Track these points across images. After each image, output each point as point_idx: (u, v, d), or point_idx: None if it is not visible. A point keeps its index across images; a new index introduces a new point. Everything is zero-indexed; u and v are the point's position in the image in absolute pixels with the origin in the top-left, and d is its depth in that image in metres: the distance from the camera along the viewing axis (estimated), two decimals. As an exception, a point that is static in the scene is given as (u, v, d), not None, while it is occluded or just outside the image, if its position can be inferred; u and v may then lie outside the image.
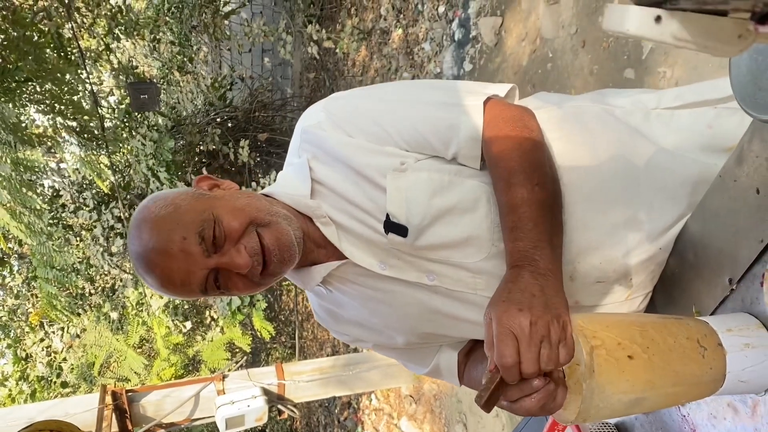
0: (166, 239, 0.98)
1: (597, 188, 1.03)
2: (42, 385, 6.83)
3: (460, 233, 1.02)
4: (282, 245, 1.02)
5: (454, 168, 1.05)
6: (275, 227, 1.02)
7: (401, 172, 1.02)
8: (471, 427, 4.82)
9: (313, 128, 1.10)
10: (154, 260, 0.98)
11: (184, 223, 0.99)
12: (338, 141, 1.06)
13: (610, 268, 1.03)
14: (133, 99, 4.93)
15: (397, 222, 1.02)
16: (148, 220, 1.00)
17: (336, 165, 1.07)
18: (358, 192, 1.05)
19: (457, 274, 1.05)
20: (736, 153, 0.90)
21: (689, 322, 0.85)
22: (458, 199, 1.02)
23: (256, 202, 1.06)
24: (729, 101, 1.11)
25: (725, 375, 0.82)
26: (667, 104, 1.12)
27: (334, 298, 1.16)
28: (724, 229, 0.93)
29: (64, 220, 5.82)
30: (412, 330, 1.15)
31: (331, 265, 1.09)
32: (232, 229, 1.00)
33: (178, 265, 0.98)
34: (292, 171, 1.14)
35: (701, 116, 1.10)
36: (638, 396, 0.78)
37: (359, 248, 1.07)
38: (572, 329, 0.80)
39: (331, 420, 8.02)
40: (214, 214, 1.00)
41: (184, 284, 1.00)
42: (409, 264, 1.06)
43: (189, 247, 0.97)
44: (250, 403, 4.81)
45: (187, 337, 6.37)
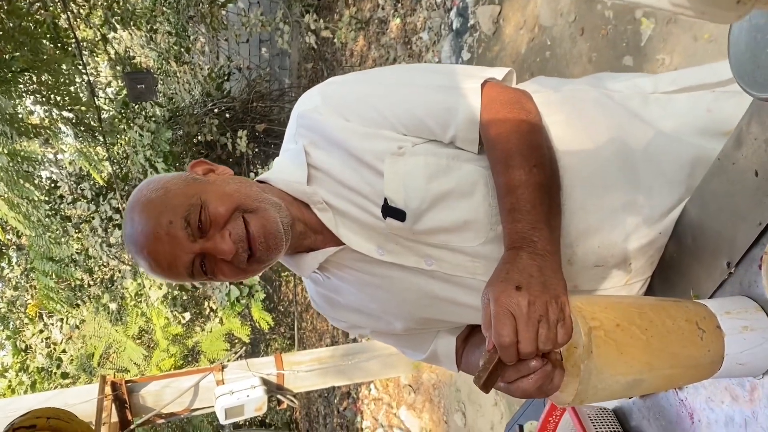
0: (154, 223, 0.99)
1: (595, 172, 1.03)
2: (42, 376, 6.84)
3: (458, 217, 1.02)
4: (268, 233, 1.01)
5: (451, 152, 1.04)
6: (262, 214, 1.02)
7: (399, 156, 1.02)
8: (470, 416, 4.84)
9: (310, 113, 1.09)
10: (143, 243, 1.00)
11: (172, 207, 1.00)
12: (335, 125, 1.06)
13: (609, 253, 1.03)
14: (130, 89, 4.91)
15: (395, 206, 1.02)
16: (139, 203, 1.02)
17: (333, 150, 1.07)
18: (355, 177, 1.05)
19: (455, 259, 1.05)
20: (734, 136, 0.90)
21: (688, 304, 0.85)
22: (456, 183, 1.02)
23: (245, 188, 1.06)
24: (727, 85, 1.10)
25: (723, 357, 0.82)
26: (664, 88, 1.12)
27: (332, 284, 1.16)
28: (723, 212, 0.93)
29: (62, 211, 5.81)
30: (410, 315, 1.15)
31: (328, 251, 1.09)
32: (218, 215, 1.00)
33: (165, 248, 0.99)
34: (288, 157, 1.13)
35: (699, 100, 1.09)
36: (636, 378, 0.78)
37: (357, 234, 1.07)
38: (570, 310, 0.80)
39: (331, 410, 8.05)
40: (201, 198, 1.01)
41: (171, 267, 1.01)
42: (407, 249, 1.06)
43: (174, 231, 0.98)
44: (249, 393, 4.82)
45: (186, 328, 6.38)
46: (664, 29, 2.77)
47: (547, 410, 1.31)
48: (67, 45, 5.52)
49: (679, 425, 1.05)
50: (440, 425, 5.31)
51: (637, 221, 1.02)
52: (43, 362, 6.83)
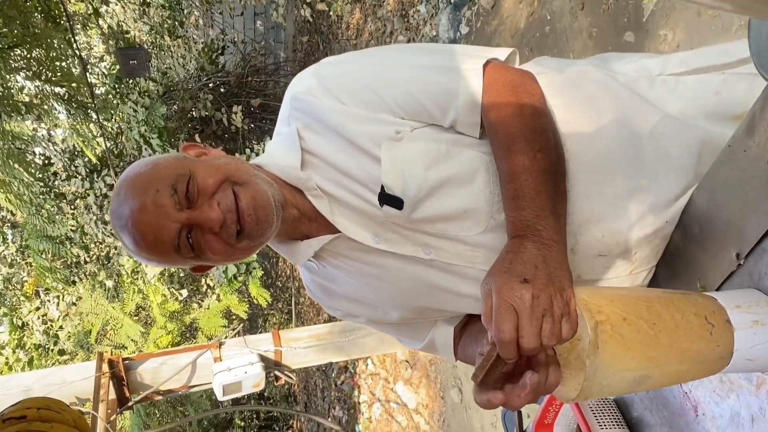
0: (141, 193, 0.96)
1: (600, 157, 0.99)
2: (39, 353, 6.85)
3: (457, 205, 0.99)
4: (258, 205, 0.97)
5: (451, 137, 1.00)
6: (252, 187, 0.99)
7: (396, 141, 0.98)
8: (466, 392, 4.86)
9: (304, 95, 1.05)
10: (128, 215, 0.96)
11: (160, 178, 0.97)
12: (330, 108, 1.02)
13: (613, 242, 1.00)
14: (123, 65, 4.83)
15: (392, 194, 0.98)
16: (128, 179, 0.99)
17: (328, 134, 1.03)
18: (351, 162, 1.01)
19: (454, 248, 1.02)
20: (746, 122, 0.86)
21: (697, 297, 0.82)
22: (456, 170, 0.98)
23: (237, 163, 1.03)
24: (737, 66, 1.06)
25: (732, 353, 0.80)
26: (672, 70, 1.08)
27: (327, 273, 1.13)
28: (732, 201, 0.90)
29: (56, 188, 5.76)
30: (407, 305, 1.12)
31: (323, 239, 1.05)
32: (207, 185, 0.97)
33: (149, 217, 0.95)
34: (282, 141, 1.09)
35: (708, 82, 1.05)
36: (643, 374, 0.76)
37: (352, 221, 1.04)
38: (576, 303, 0.77)
39: (329, 384, 8.10)
40: (191, 170, 0.98)
41: (156, 239, 0.96)
42: (405, 237, 1.03)
43: (161, 199, 0.95)
44: (247, 370, 4.83)
45: (184, 305, 6.38)
46: (666, 4, 2.71)
47: (548, 399, 1.29)
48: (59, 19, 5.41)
49: (682, 417, 1.03)
50: (436, 400, 5.34)
51: (642, 209, 0.99)
52: (41, 339, 6.84)
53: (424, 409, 5.59)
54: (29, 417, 1.20)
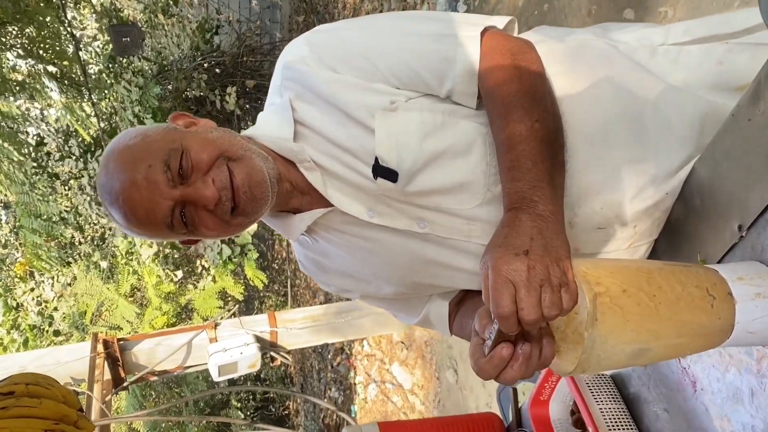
0: (131, 168, 0.93)
1: (599, 127, 0.97)
2: (34, 334, 6.84)
3: (453, 178, 0.96)
4: (253, 181, 0.95)
5: (447, 108, 0.97)
6: (247, 162, 0.96)
7: (391, 112, 0.95)
8: (461, 373, 4.87)
9: (296, 64, 1.01)
10: (118, 190, 0.93)
11: (151, 152, 0.94)
12: (323, 77, 0.99)
13: (612, 214, 0.97)
14: (115, 42, 4.77)
15: (387, 166, 0.95)
16: (115, 151, 0.96)
17: (321, 104, 0.99)
18: (344, 134, 0.98)
19: (450, 222, 0.99)
20: (750, 90, 0.84)
21: (698, 270, 0.80)
22: (451, 142, 0.96)
23: (230, 137, 1.00)
24: (741, 36, 1.04)
25: (734, 326, 0.78)
26: (674, 39, 1.05)
27: (320, 247, 1.11)
28: (736, 171, 0.87)
29: (49, 168, 5.71)
30: (401, 280, 1.10)
31: (316, 213, 1.03)
32: (200, 161, 0.94)
33: (141, 194, 0.93)
34: (274, 111, 1.06)
35: (710, 52, 1.03)
36: (642, 347, 0.74)
37: (346, 195, 1.01)
38: (574, 274, 0.75)
39: (324, 365, 8.12)
40: (183, 144, 0.95)
41: (149, 216, 0.94)
42: (399, 211, 1.00)
43: (153, 175, 0.92)
44: (242, 351, 4.83)
45: (179, 286, 6.36)
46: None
47: (543, 376, 1.28)
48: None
49: (680, 393, 1.01)
50: (432, 381, 5.35)
51: (642, 181, 0.96)
52: (35, 320, 6.83)
53: (420, 389, 5.61)
54: (17, 393, 1.18)
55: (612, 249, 1.01)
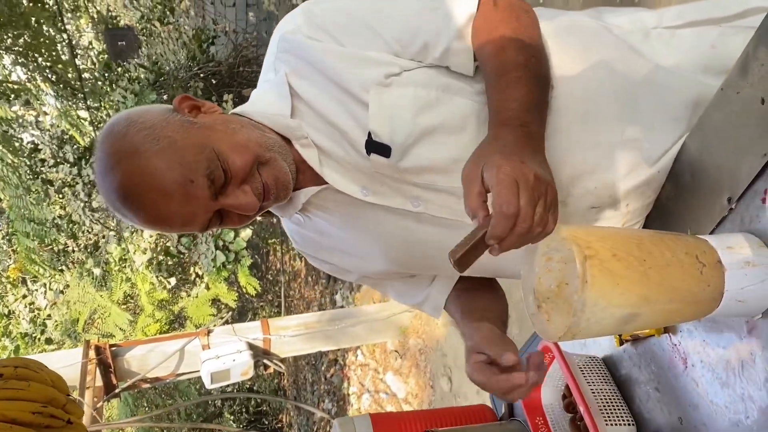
0: (167, 180, 0.90)
1: (593, 106, 0.97)
2: (26, 342, 6.79)
3: (446, 154, 0.96)
4: (280, 184, 0.97)
5: (443, 82, 0.98)
6: (274, 164, 0.97)
7: (385, 87, 0.95)
8: (456, 381, 4.85)
9: (292, 35, 1.01)
10: (149, 201, 0.90)
11: (187, 164, 0.90)
12: (319, 49, 0.98)
13: (606, 193, 0.98)
14: (111, 47, 4.79)
15: (380, 141, 0.95)
16: (136, 154, 0.90)
17: (317, 78, 0.99)
18: (339, 110, 0.98)
19: (444, 201, 1.00)
20: (738, 64, 0.85)
21: (688, 238, 0.81)
22: (445, 118, 0.96)
23: (252, 134, 0.98)
24: (733, 20, 1.05)
25: (723, 293, 0.78)
26: (667, 23, 1.06)
27: (315, 225, 1.10)
28: (725, 144, 0.88)
29: (43, 174, 5.70)
30: (396, 259, 1.10)
31: (310, 191, 1.03)
32: (237, 169, 0.93)
33: (181, 208, 0.91)
34: (270, 88, 1.05)
35: (704, 35, 1.04)
36: (632, 311, 0.74)
37: (340, 173, 1.01)
38: (565, 237, 0.75)
39: (318, 377, 8.07)
40: (215, 150, 0.93)
41: (185, 225, 0.95)
42: (394, 189, 1.00)
43: (197, 191, 0.91)
44: (235, 358, 4.81)
45: (172, 294, 6.33)
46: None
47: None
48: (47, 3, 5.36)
49: (671, 371, 1.01)
50: (426, 390, 5.33)
51: (636, 159, 0.97)
52: (27, 328, 6.77)
53: (414, 398, 5.58)
54: (6, 375, 1.16)
55: None
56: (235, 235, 5.78)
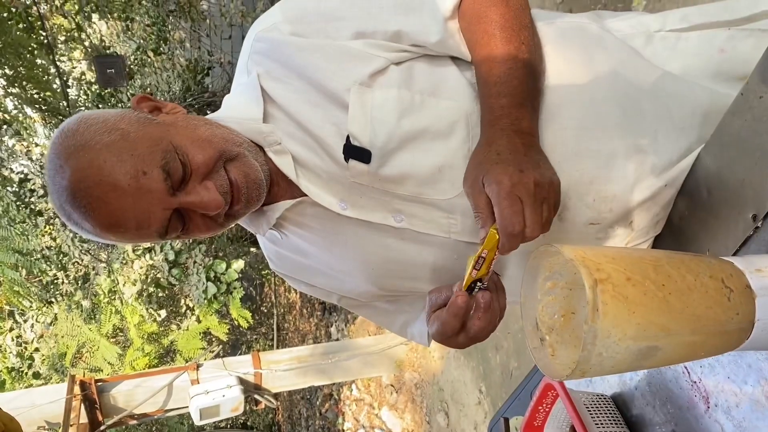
0: (117, 172, 0.80)
1: (592, 112, 0.88)
2: (13, 377, 6.62)
3: (431, 162, 0.87)
4: (251, 182, 0.88)
5: (430, 83, 0.89)
6: (243, 161, 0.88)
7: (367, 88, 0.87)
8: (453, 416, 4.70)
9: (267, 32, 0.92)
10: (99, 197, 0.80)
11: (140, 155, 0.81)
12: (296, 45, 0.90)
13: (606, 207, 0.88)
14: (100, 74, 4.74)
15: (359, 145, 0.86)
16: (86, 148, 0.81)
17: (291, 81, 0.90)
18: (316, 115, 0.89)
19: (428, 214, 0.90)
20: (759, 67, 0.76)
21: (710, 260, 0.70)
22: (431, 122, 0.87)
23: (218, 130, 0.90)
24: (744, 23, 0.97)
25: (754, 323, 0.67)
26: (672, 26, 0.98)
27: (291, 242, 1.01)
28: (747, 156, 0.78)
29: (32, 204, 5.61)
30: (376, 279, 1.00)
31: (285, 204, 0.93)
32: (199, 163, 0.85)
33: (134, 203, 0.81)
34: (241, 92, 0.97)
35: (712, 39, 0.96)
36: (650, 344, 0.63)
37: (316, 184, 0.92)
38: (572, 259, 0.65)
39: (313, 412, 7.92)
40: (173, 143, 0.84)
41: (141, 226, 0.83)
42: (374, 202, 0.91)
43: (150, 184, 0.81)
44: (225, 393, 4.68)
45: (162, 326, 6.19)
46: (656, 5, 2.65)
47: (536, 399, 1.16)
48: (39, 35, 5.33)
49: (690, 411, 0.90)
50: (422, 425, 5.17)
51: (640, 170, 0.87)
52: (14, 362, 6.61)
53: (410, 435, 5.41)
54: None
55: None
56: (227, 266, 5.68)
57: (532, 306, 0.74)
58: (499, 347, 4.16)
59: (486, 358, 4.30)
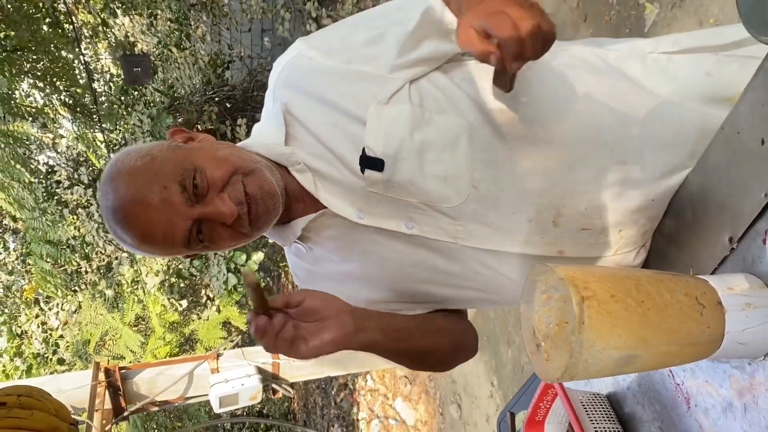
0: (144, 189, 0.93)
1: (584, 131, 0.99)
2: (38, 362, 6.82)
3: (439, 171, 0.98)
4: (265, 192, 0.98)
5: (435, 100, 1.00)
6: (258, 175, 0.98)
7: (384, 105, 0.98)
8: (465, 408, 4.80)
9: (293, 60, 1.05)
10: (132, 212, 0.93)
11: (163, 173, 0.94)
12: (321, 71, 1.01)
13: (596, 216, 0.99)
14: (127, 72, 4.87)
15: (374, 156, 0.97)
16: (123, 172, 0.95)
17: (312, 104, 1.02)
18: (335, 133, 1.00)
19: (436, 221, 1.01)
20: (739, 102, 0.85)
21: (687, 279, 0.80)
22: (437, 135, 0.98)
23: (236, 151, 1.02)
24: (730, 49, 1.06)
25: (724, 336, 0.77)
26: (664, 49, 1.07)
27: (314, 255, 1.12)
28: (726, 183, 0.88)
29: (58, 196, 5.77)
30: (391, 285, 1.10)
31: (308, 218, 1.04)
32: (216, 178, 0.96)
33: (159, 216, 0.93)
34: (266, 118, 1.09)
35: (700, 62, 1.05)
36: (630, 353, 0.73)
37: (336, 196, 1.03)
38: (563, 278, 0.75)
39: (328, 401, 8.03)
40: (195, 163, 0.96)
41: (167, 237, 0.95)
42: (388, 210, 1.01)
43: (170, 197, 0.93)
44: (244, 382, 4.79)
45: (183, 316, 6.35)
46: (668, 14, 2.71)
47: (538, 396, 1.26)
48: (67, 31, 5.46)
49: (674, 410, 1.00)
50: (435, 417, 5.27)
51: (627, 184, 0.98)
52: (40, 348, 6.81)
53: (423, 425, 5.53)
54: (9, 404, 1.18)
55: (598, 254, 1.02)
56: (247, 257, 5.80)
57: (530, 316, 0.84)
58: (511, 342, 4.25)
59: (498, 352, 4.40)
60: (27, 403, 1.20)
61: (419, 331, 1.10)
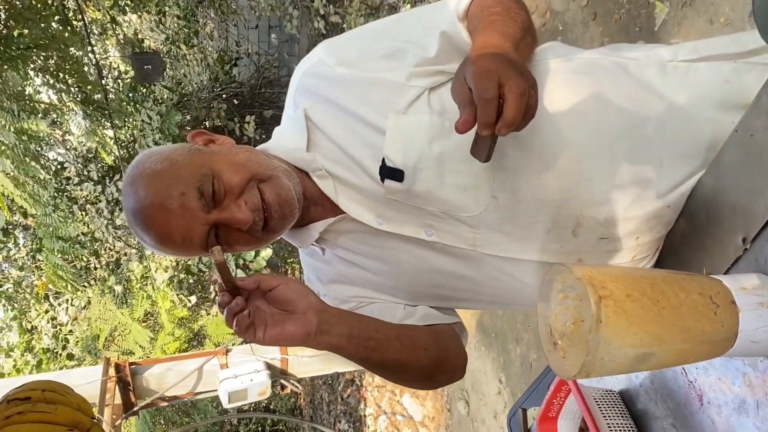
0: (164, 194, 0.95)
1: (604, 145, 0.99)
2: (48, 357, 6.88)
3: (458, 181, 0.99)
4: (282, 200, 0.99)
5: (455, 113, 1.01)
6: (276, 182, 1.00)
7: (403, 115, 0.99)
8: (473, 404, 4.82)
9: (314, 67, 1.06)
10: (152, 216, 0.96)
11: (182, 178, 0.96)
12: (341, 79, 1.03)
13: (615, 226, 1.00)
14: (137, 70, 4.90)
15: (393, 166, 0.99)
16: (144, 176, 0.98)
17: (333, 111, 1.03)
18: (355, 140, 1.02)
19: (455, 229, 1.02)
20: (753, 105, 0.86)
21: (701, 278, 0.82)
22: (456, 145, 0.98)
23: (255, 156, 1.03)
24: (749, 57, 1.06)
25: (737, 334, 0.79)
26: (683, 57, 1.08)
27: (330, 258, 1.13)
28: (739, 185, 0.89)
29: (68, 192, 5.81)
30: (407, 288, 1.12)
31: (327, 221, 1.06)
32: (233, 184, 0.98)
33: (177, 221, 0.95)
34: (288, 124, 1.10)
35: (719, 70, 1.05)
36: (645, 351, 0.75)
37: (356, 202, 1.04)
38: (580, 278, 0.77)
39: (335, 397, 8.06)
40: (213, 169, 0.98)
41: (185, 240, 0.97)
42: (408, 216, 1.03)
43: (188, 203, 0.95)
44: (253, 378, 4.81)
45: (192, 312, 6.39)
46: (678, 13, 2.72)
47: (551, 392, 1.28)
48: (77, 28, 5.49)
49: (687, 407, 1.02)
50: (443, 413, 5.30)
51: (645, 194, 0.99)
52: (49, 343, 6.86)
53: (431, 421, 5.55)
54: (34, 398, 1.20)
55: (615, 261, 1.03)
56: (255, 254, 5.83)
57: (547, 314, 0.86)
58: (520, 339, 4.27)
59: (506, 349, 4.42)
60: (51, 397, 1.22)
61: (396, 342, 1.05)
